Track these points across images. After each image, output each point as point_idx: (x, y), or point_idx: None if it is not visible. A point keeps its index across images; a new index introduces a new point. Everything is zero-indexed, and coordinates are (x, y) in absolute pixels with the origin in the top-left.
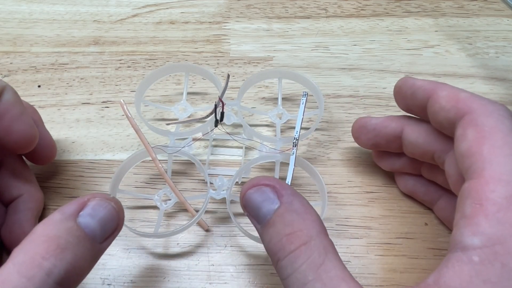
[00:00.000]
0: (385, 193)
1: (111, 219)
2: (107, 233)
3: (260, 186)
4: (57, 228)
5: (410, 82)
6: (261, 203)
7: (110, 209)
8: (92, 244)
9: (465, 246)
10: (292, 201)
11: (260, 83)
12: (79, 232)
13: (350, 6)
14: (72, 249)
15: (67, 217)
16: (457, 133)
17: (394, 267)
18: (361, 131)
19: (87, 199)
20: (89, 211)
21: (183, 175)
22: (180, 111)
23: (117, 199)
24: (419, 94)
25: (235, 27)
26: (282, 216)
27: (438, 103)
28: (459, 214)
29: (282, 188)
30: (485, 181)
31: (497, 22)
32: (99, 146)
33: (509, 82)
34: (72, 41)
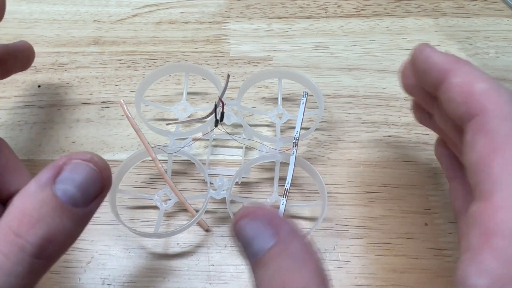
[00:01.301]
0: (385, 193)
1: (92, 181)
2: (90, 196)
3: (255, 217)
4: (31, 200)
5: (424, 54)
6: (254, 238)
7: (89, 171)
8: (72, 212)
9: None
10: (290, 242)
11: (260, 83)
12: (55, 201)
13: (350, 6)
14: (46, 221)
15: (41, 186)
16: (466, 137)
17: (394, 267)
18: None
19: (63, 162)
20: (66, 176)
21: (183, 175)
22: (180, 111)
23: (97, 157)
24: (433, 73)
25: (235, 27)
26: (275, 259)
27: (449, 93)
28: (465, 243)
29: (281, 223)
30: (494, 207)
31: (497, 22)
32: (99, 146)
33: (509, 82)
34: (72, 41)
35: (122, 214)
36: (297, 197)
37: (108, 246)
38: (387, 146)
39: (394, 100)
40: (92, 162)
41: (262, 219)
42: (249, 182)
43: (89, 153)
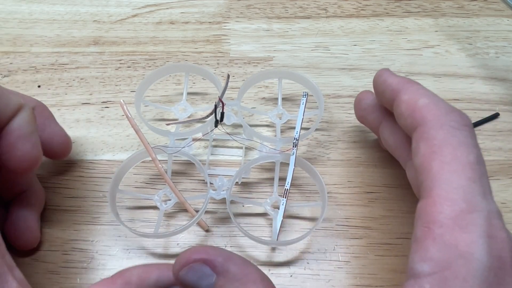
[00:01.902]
0: (385, 193)
1: None
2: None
3: (190, 264)
4: None
5: (382, 78)
6: (198, 281)
7: None
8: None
9: (416, 273)
10: (227, 268)
11: (260, 83)
12: None
13: (350, 6)
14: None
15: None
16: (412, 145)
17: (394, 267)
18: (356, 105)
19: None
20: None
21: (183, 175)
22: (180, 111)
23: None
24: (387, 93)
25: (235, 27)
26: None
27: (399, 108)
28: (413, 237)
29: (214, 257)
30: (432, 201)
31: (497, 22)
32: (99, 146)
33: (509, 82)
34: (72, 41)
35: (122, 214)
36: (297, 197)
37: (108, 247)
38: None
39: None
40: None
41: (196, 262)
42: (249, 182)
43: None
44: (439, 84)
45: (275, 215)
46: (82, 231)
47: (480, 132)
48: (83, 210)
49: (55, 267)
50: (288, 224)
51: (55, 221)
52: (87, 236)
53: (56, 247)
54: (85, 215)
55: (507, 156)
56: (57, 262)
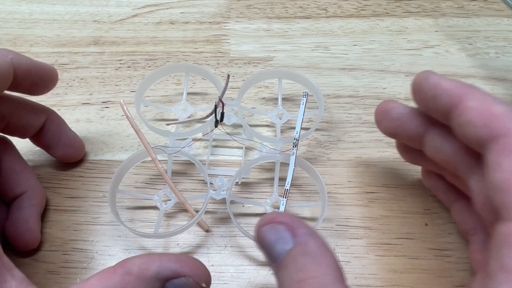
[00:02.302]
0: (385, 193)
1: None
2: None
3: (274, 223)
4: (145, 285)
5: (433, 82)
6: (274, 242)
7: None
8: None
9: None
10: (307, 242)
11: (260, 83)
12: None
13: (350, 6)
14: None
15: (159, 279)
16: (490, 158)
17: (394, 267)
18: (384, 116)
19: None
20: (177, 284)
21: (183, 175)
22: (180, 111)
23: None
24: (443, 98)
25: (235, 27)
26: (294, 259)
27: (466, 116)
28: (496, 263)
29: (298, 226)
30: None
31: (497, 22)
32: (99, 146)
33: (509, 82)
34: (72, 41)
35: (122, 214)
36: (297, 198)
37: (108, 247)
38: (387, 146)
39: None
40: (205, 282)
41: (281, 224)
42: (249, 183)
43: (205, 278)
44: None
45: None
46: (82, 231)
47: None
48: (83, 210)
49: (55, 267)
50: None
51: (55, 221)
52: (87, 236)
53: (56, 247)
54: (85, 215)
55: None
56: (57, 262)
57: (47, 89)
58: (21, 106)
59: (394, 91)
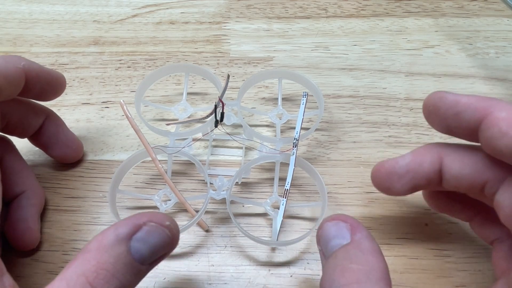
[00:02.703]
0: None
1: (163, 246)
2: (157, 257)
3: (339, 221)
4: (108, 253)
5: (451, 100)
6: (334, 237)
7: (164, 237)
8: (138, 268)
9: None
10: (363, 242)
11: (260, 83)
12: (129, 259)
13: (350, 6)
14: (119, 277)
15: (120, 240)
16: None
17: (394, 267)
18: (393, 178)
19: (143, 222)
20: (143, 236)
21: (183, 175)
22: (180, 112)
23: (174, 223)
24: (468, 114)
25: (235, 27)
26: (346, 251)
27: (498, 127)
28: None
29: (359, 229)
30: None
31: (497, 22)
32: (99, 146)
33: (509, 82)
34: (72, 41)
35: (122, 214)
36: (297, 198)
37: None
38: (387, 146)
39: (394, 101)
40: (168, 228)
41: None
42: (249, 183)
43: (167, 218)
44: (439, 84)
45: (275, 215)
46: (82, 231)
47: None
48: (83, 210)
49: (55, 267)
50: (288, 224)
51: (55, 221)
52: (87, 236)
53: (56, 247)
54: (85, 215)
55: None
56: (57, 262)
57: (55, 95)
58: (21, 105)
59: (394, 91)
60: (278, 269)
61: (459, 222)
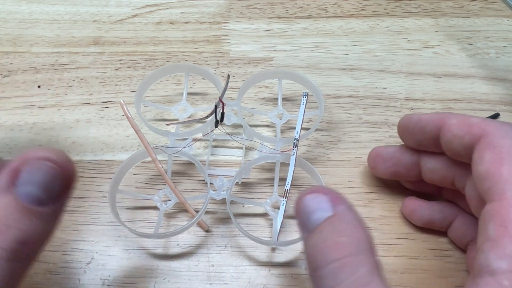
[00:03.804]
0: (385, 193)
1: (53, 179)
2: (55, 193)
3: (318, 193)
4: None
5: (415, 119)
6: (314, 210)
7: (48, 169)
8: (40, 211)
9: (493, 270)
10: (346, 213)
11: (260, 84)
12: (19, 205)
13: (350, 6)
14: (15, 226)
15: (2, 192)
16: (474, 156)
17: (394, 267)
18: (378, 160)
19: (19, 164)
20: (25, 178)
21: (183, 175)
22: (180, 112)
23: (54, 152)
24: (428, 127)
25: (235, 27)
26: (332, 224)
27: (451, 132)
28: (483, 237)
29: (340, 201)
30: (507, 203)
31: (497, 22)
32: (99, 146)
33: (510, 82)
34: (72, 41)
35: (122, 214)
36: None
37: (108, 247)
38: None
39: (394, 101)
40: (49, 159)
41: (324, 195)
42: (249, 183)
43: (44, 150)
44: (439, 84)
45: (275, 216)
46: (82, 231)
47: None
48: (83, 210)
49: (55, 267)
50: (288, 225)
51: None
52: (87, 236)
53: (56, 247)
54: (85, 215)
55: None
56: (57, 262)
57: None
58: None
59: (394, 91)
60: (278, 269)
61: None
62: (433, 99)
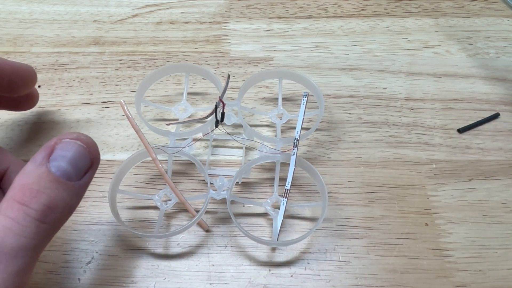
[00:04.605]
0: (385, 193)
1: (81, 156)
2: (81, 169)
3: (77, 140)
4: (30, 177)
5: None
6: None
7: (78, 147)
8: (67, 185)
9: None
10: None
11: (261, 83)
12: (51, 176)
13: (350, 6)
14: (45, 192)
15: (37, 165)
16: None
17: (395, 267)
18: None
19: (54, 142)
20: (58, 154)
21: (183, 175)
22: (181, 111)
23: (84, 135)
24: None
25: (235, 27)
26: None
27: None
28: None
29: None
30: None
31: (498, 22)
32: (99, 146)
33: (510, 82)
34: (72, 41)
35: (122, 214)
36: (298, 198)
37: (108, 247)
38: (388, 146)
39: (394, 101)
40: (79, 139)
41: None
42: (250, 183)
43: (76, 132)
44: (439, 84)
45: (275, 215)
46: (82, 231)
47: (480, 132)
48: (83, 210)
49: (55, 267)
50: (289, 224)
51: None
52: (87, 236)
53: (56, 247)
54: (85, 215)
55: (507, 156)
56: (57, 262)
57: (26, 87)
58: None
59: (394, 91)
60: (278, 269)
61: (459, 222)
62: (433, 99)
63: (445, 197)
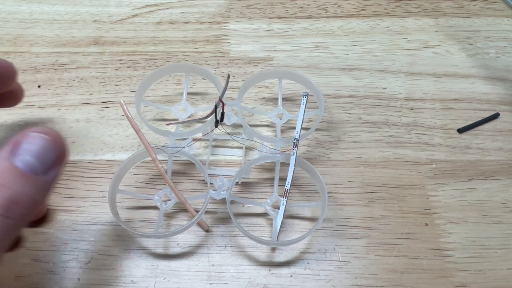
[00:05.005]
0: (385, 193)
1: (47, 150)
2: (47, 164)
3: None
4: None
5: None
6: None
7: (44, 141)
8: (33, 179)
9: None
10: None
11: (260, 83)
12: (15, 170)
13: (350, 6)
14: (9, 186)
15: (2, 159)
16: None
17: (395, 267)
18: None
19: (20, 136)
20: (23, 148)
21: (183, 175)
22: (180, 111)
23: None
24: None
25: (235, 27)
26: None
27: None
28: None
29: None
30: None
31: (497, 22)
32: (99, 146)
33: (510, 82)
34: (72, 41)
35: (122, 214)
36: (298, 198)
37: (108, 247)
38: (387, 146)
39: (394, 101)
40: (46, 133)
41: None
42: (249, 183)
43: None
44: (439, 84)
45: (275, 215)
46: (82, 231)
47: (480, 132)
48: (83, 210)
49: (55, 267)
50: (289, 224)
51: (55, 221)
52: (87, 236)
53: (56, 247)
54: (85, 215)
55: (507, 156)
56: (57, 262)
57: (4, 85)
58: None
59: (394, 91)
60: (278, 269)
61: (459, 222)
62: (433, 99)
63: (445, 197)
